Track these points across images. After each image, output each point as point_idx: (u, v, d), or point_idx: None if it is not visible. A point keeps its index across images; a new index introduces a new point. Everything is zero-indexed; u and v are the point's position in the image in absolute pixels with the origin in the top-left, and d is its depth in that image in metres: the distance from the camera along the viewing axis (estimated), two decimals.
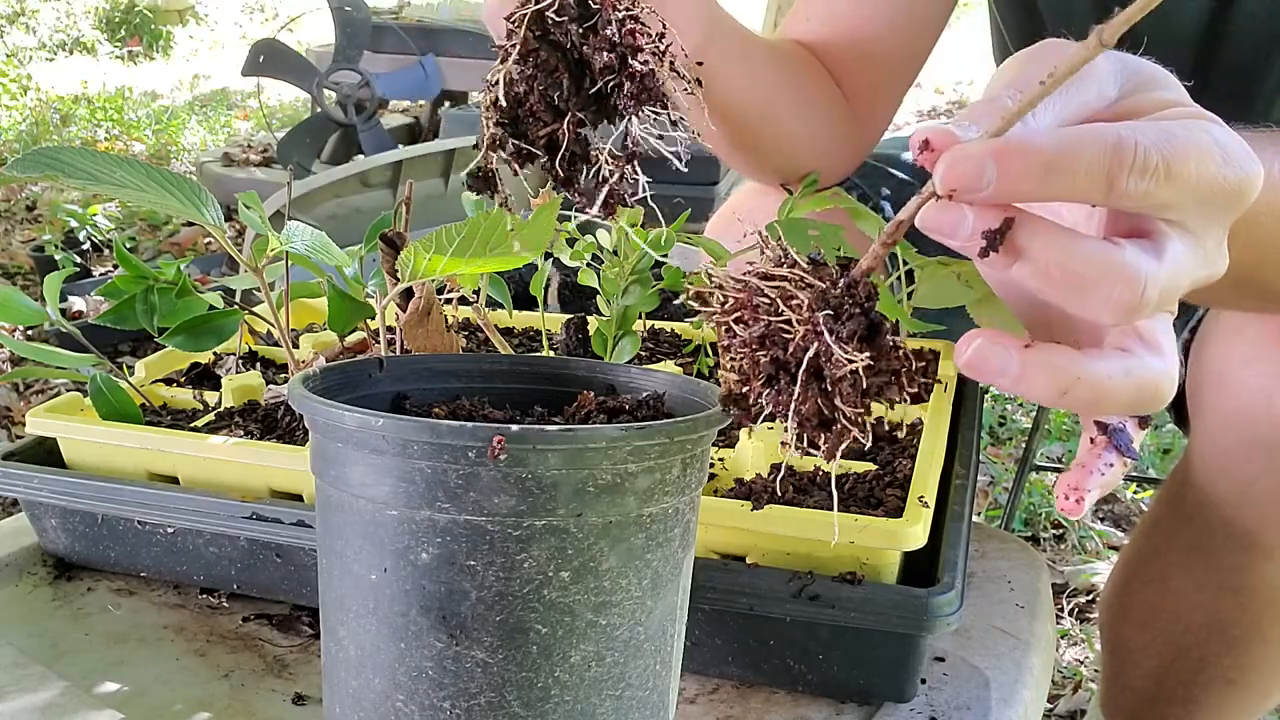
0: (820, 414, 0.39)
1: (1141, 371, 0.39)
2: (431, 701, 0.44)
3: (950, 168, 0.36)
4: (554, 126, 0.46)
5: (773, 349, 0.39)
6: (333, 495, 0.46)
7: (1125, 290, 0.36)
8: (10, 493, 0.72)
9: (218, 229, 0.63)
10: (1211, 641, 0.86)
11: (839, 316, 0.38)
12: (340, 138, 3.33)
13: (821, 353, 0.38)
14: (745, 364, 0.40)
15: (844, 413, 0.38)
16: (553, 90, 0.46)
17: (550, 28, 0.45)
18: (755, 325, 0.39)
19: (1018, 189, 0.36)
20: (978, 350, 0.38)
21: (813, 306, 0.38)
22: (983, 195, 0.36)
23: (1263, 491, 0.76)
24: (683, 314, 0.96)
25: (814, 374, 0.38)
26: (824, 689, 0.61)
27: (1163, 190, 0.36)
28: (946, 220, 0.37)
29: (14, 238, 3.31)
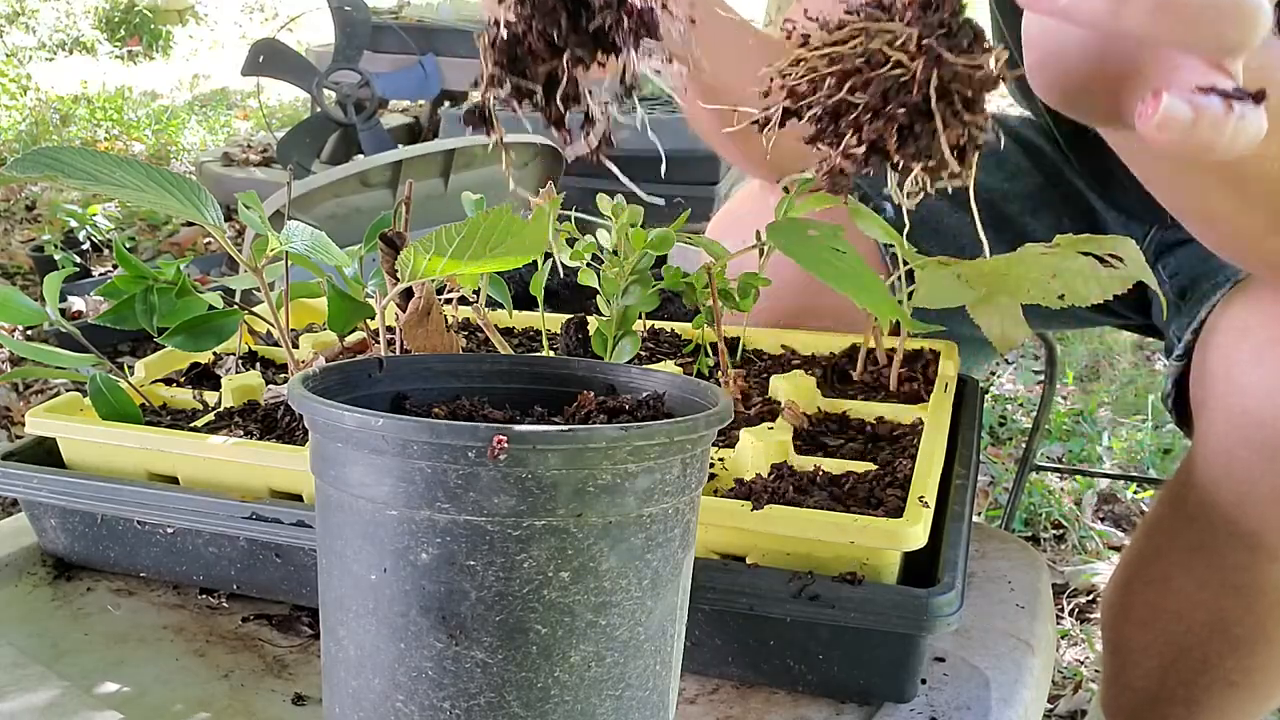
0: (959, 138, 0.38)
1: None
2: (431, 702, 0.44)
3: None
4: (553, 64, 0.46)
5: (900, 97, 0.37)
6: (332, 495, 0.46)
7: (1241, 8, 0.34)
8: (10, 493, 0.72)
9: (217, 229, 0.63)
10: (1213, 642, 0.86)
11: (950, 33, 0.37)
12: (340, 138, 3.33)
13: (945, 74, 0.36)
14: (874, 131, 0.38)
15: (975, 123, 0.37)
16: (551, 28, 0.45)
17: None
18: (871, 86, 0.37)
19: None
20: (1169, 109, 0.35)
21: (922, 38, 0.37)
22: None
23: (1266, 492, 0.76)
24: (683, 314, 0.96)
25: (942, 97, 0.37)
26: (824, 689, 0.61)
27: None
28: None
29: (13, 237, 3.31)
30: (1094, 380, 2.36)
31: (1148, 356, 2.40)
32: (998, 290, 0.78)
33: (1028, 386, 2.28)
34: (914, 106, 0.37)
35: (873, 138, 0.37)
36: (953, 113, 0.37)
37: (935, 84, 0.36)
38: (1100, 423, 2.13)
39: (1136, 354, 2.43)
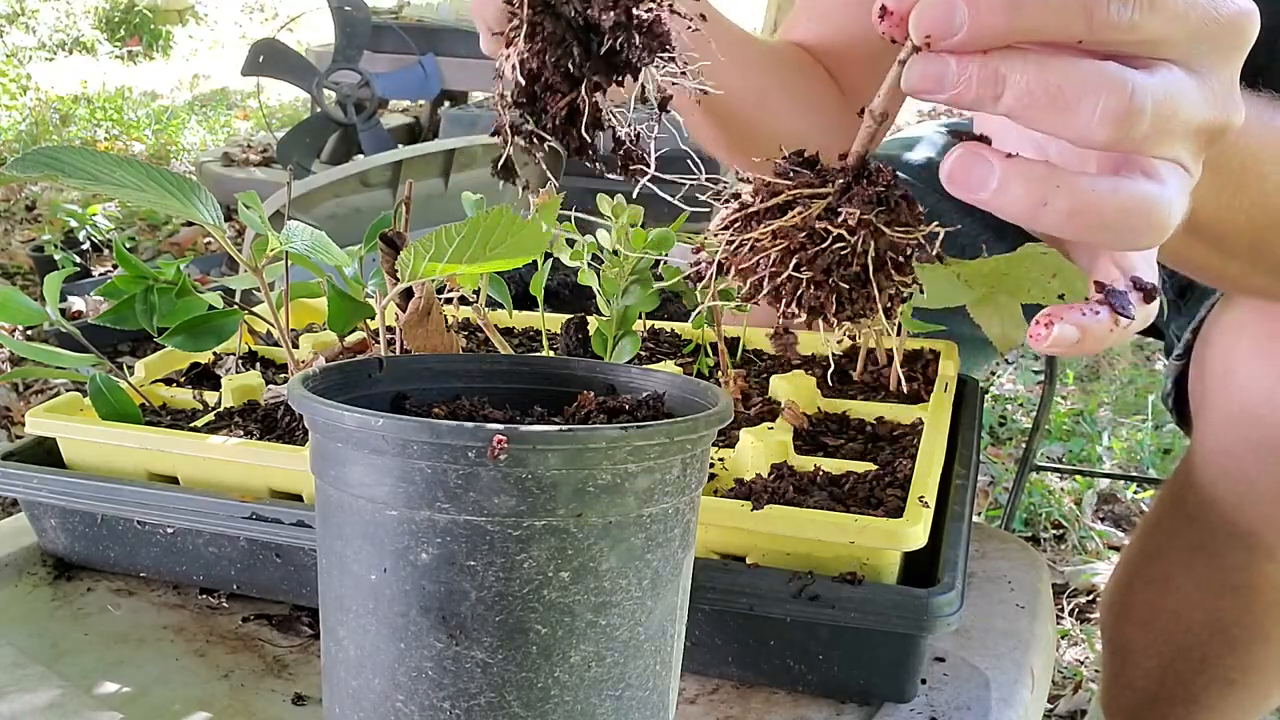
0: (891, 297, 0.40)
1: (1131, 190, 0.37)
2: (431, 702, 0.44)
3: (920, 14, 0.35)
4: (573, 95, 0.47)
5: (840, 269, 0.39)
6: (332, 495, 0.46)
7: (1112, 98, 0.35)
8: (10, 493, 0.72)
9: (217, 229, 0.63)
10: (1213, 641, 0.86)
11: (889, 208, 0.39)
12: (340, 138, 3.33)
13: (882, 245, 0.38)
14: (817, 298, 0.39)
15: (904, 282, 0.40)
16: (565, 59, 0.46)
17: (551, 1, 0.46)
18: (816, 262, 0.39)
19: (990, 25, 0.35)
20: (958, 160, 0.37)
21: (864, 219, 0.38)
22: (957, 39, 0.35)
23: (1265, 491, 0.76)
24: (683, 314, 0.96)
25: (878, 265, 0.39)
26: (824, 689, 0.61)
27: (1149, 21, 0.35)
28: (930, 74, 0.36)
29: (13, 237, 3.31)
30: (1094, 380, 2.36)
31: (1148, 356, 2.41)
32: (998, 290, 0.78)
33: (1028, 386, 2.28)
34: (853, 277, 0.39)
35: (813, 305, 0.40)
36: (886, 277, 0.39)
37: (873, 255, 0.38)
38: (1100, 423, 2.13)
39: (1136, 354, 2.44)
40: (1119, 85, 0.35)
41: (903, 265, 0.39)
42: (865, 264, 0.38)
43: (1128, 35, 0.35)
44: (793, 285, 0.39)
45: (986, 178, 0.36)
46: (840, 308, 0.39)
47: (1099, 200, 0.37)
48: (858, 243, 0.38)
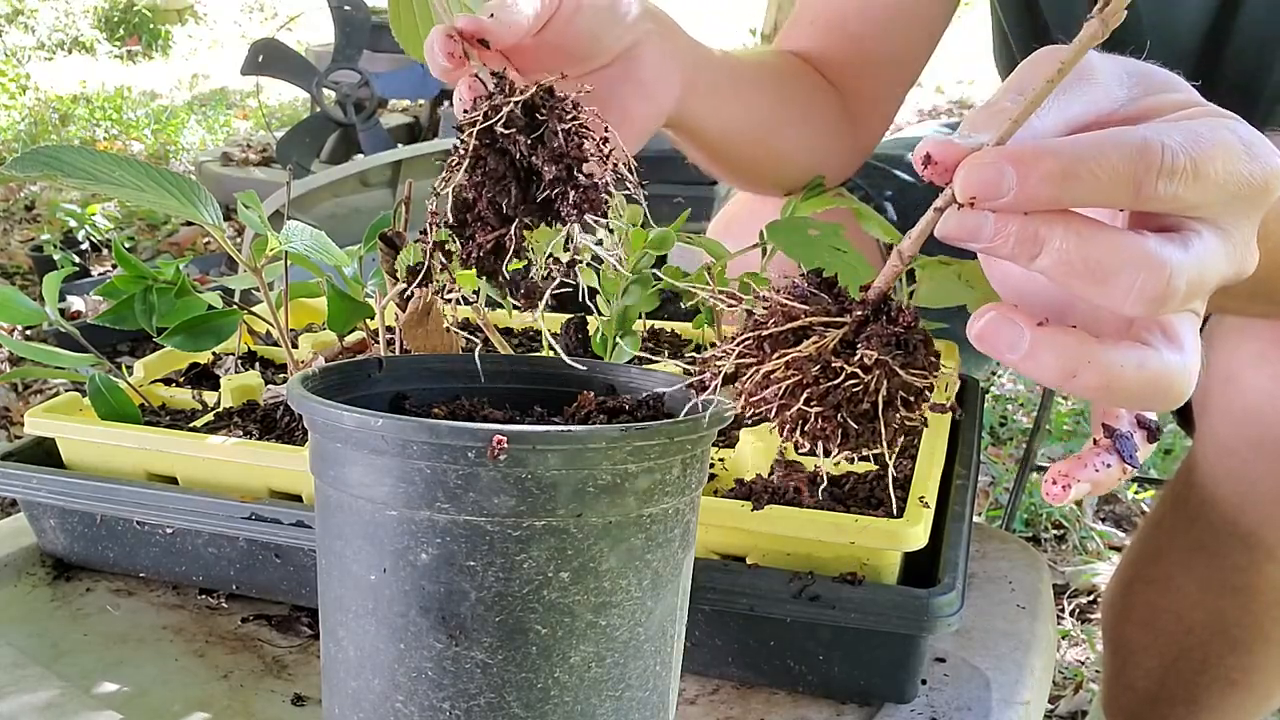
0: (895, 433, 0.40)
1: (1156, 364, 0.38)
2: (431, 702, 0.44)
3: (969, 175, 0.35)
4: (501, 231, 0.48)
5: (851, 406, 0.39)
6: (332, 495, 0.46)
7: (1150, 279, 0.36)
8: (9, 493, 0.72)
9: (216, 228, 0.63)
10: (1214, 642, 0.86)
11: (906, 349, 0.39)
12: (340, 137, 3.33)
13: (894, 385, 0.39)
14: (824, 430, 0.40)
15: (912, 418, 0.39)
16: (501, 197, 0.47)
17: (499, 138, 0.47)
18: (829, 398, 0.39)
19: (1038, 195, 0.35)
20: (990, 322, 0.37)
21: (881, 360, 0.38)
22: (1003, 203, 0.35)
23: (1267, 492, 0.76)
24: (683, 314, 0.96)
25: (888, 404, 0.39)
26: (824, 690, 0.61)
27: (1191, 192, 0.36)
28: (967, 227, 0.36)
29: (12, 237, 3.31)
30: None
31: None
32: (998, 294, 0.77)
33: (1028, 386, 2.28)
34: (862, 414, 0.39)
35: (819, 435, 0.40)
36: (895, 413, 0.39)
37: (884, 394, 0.39)
38: None
39: None
40: (1158, 267, 0.36)
41: (912, 404, 0.39)
42: (876, 402, 0.39)
43: (1166, 207, 0.36)
44: (800, 417, 0.39)
45: (1017, 342, 0.37)
46: (845, 440, 0.40)
47: (1125, 375, 0.38)
48: (871, 382, 0.38)
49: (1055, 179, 0.35)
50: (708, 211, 2.58)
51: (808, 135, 0.88)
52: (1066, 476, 0.43)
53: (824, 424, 0.39)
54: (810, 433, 0.40)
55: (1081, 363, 0.37)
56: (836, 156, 0.91)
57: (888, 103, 0.94)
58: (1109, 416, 0.44)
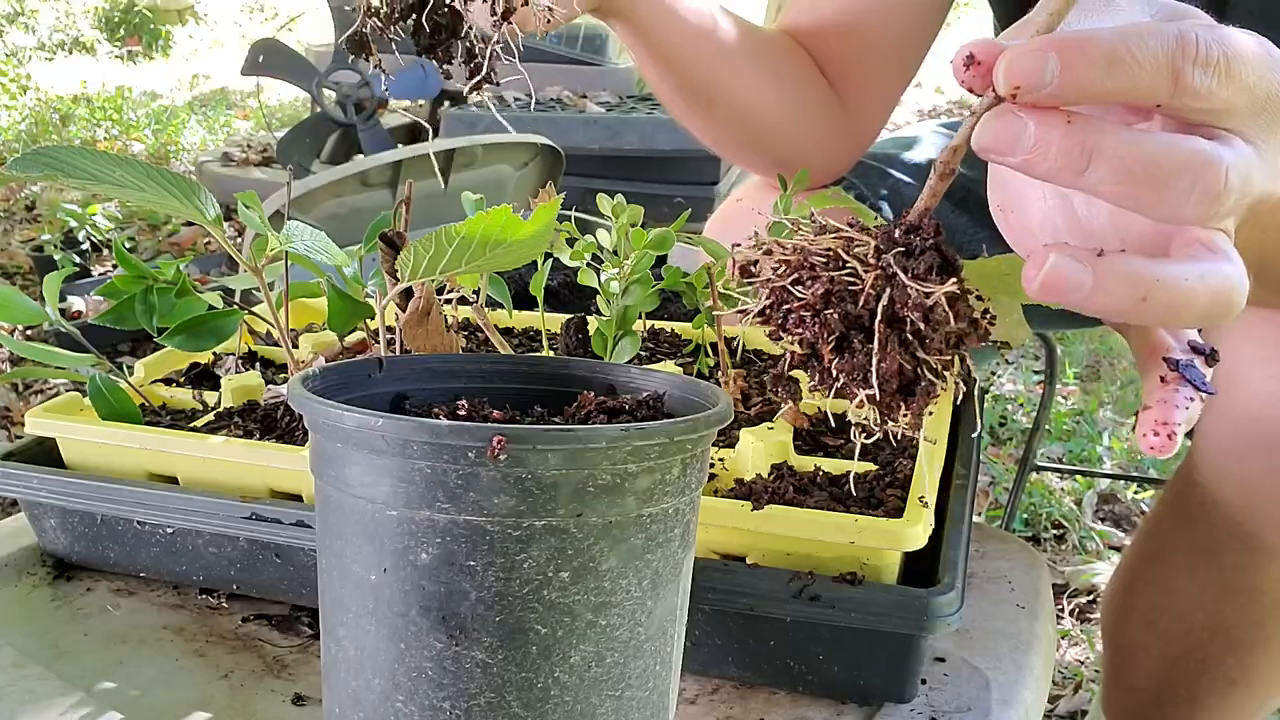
0: (901, 372, 0.35)
1: (1215, 276, 0.37)
2: (431, 702, 0.44)
3: (1011, 64, 0.34)
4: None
5: (841, 304, 0.35)
6: (332, 495, 0.46)
7: (1208, 176, 0.35)
8: (9, 493, 0.72)
9: (217, 229, 0.63)
10: (1215, 643, 0.86)
11: (910, 253, 0.35)
12: (340, 137, 3.33)
13: (897, 296, 0.35)
14: (810, 330, 0.36)
15: (928, 364, 0.35)
16: None
17: None
18: (816, 283, 0.36)
19: (1082, 82, 0.34)
20: (1054, 267, 0.35)
21: (880, 249, 0.35)
22: (1046, 92, 0.34)
23: (1268, 493, 0.76)
24: (683, 314, 0.96)
25: (891, 322, 0.35)
26: (824, 689, 0.61)
27: (1224, 89, 0.35)
28: (1006, 134, 0.35)
29: (13, 237, 3.31)
30: (1094, 380, 2.36)
31: None
32: (998, 290, 0.77)
33: (1028, 386, 2.28)
34: (853, 317, 0.36)
35: (809, 339, 0.37)
36: (899, 340, 0.36)
37: (883, 303, 0.35)
38: (1100, 423, 2.13)
39: None
40: (1214, 163, 0.35)
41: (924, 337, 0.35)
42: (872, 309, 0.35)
43: (1201, 103, 0.36)
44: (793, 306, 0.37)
45: (1082, 280, 0.35)
46: (839, 353, 0.36)
47: (1193, 289, 0.36)
48: (868, 281, 0.35)
49: (1100, 65, 0.34)
50: (708, 211, 2.58)
51: (774, 94, 0.86)
52: (1166, 425, 0.41)
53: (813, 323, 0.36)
54: (804, 335, 0.37)
55: (1150, 284, 0.36)
56: (831, 140, 0.90)
57: (879, 96, 0.93)
58: (1159, 350, 0.42)
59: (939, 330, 0.35)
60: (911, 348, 0.35)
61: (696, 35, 0.80)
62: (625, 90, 3.54)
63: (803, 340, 0.37)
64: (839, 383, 0.36)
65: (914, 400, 0.36)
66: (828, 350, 0.36)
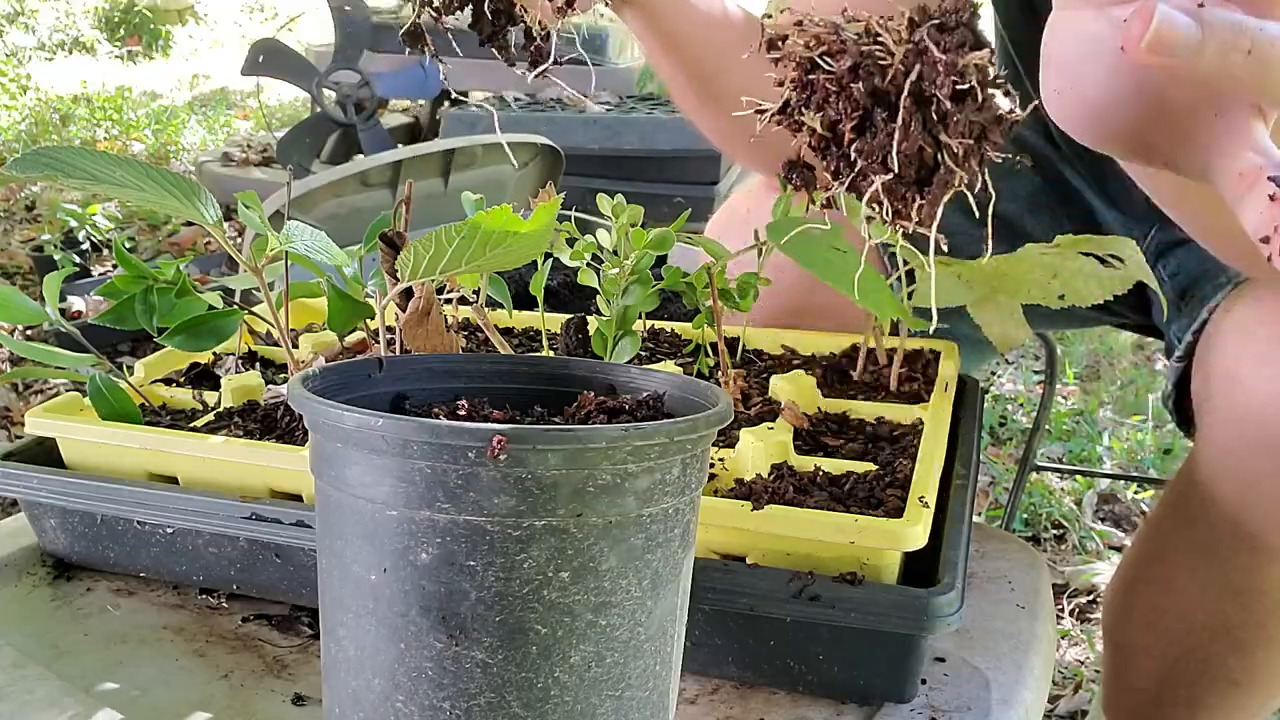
0: (921, 156, 0.33)
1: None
2: (431, 702, 0.44)
3: None
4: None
5: (869, 78, 0.33)
6: (332, 495, 0.46)
7: None
8: (9, 493, 0.72)
9: (217, 229, 0.63)
10: (1216, 643, 0.86)
11: (944, 28, 0.33)
12: (340, 138, 3.32)
13: (926, 72, 0.32)
14: (833, 107, 0.33)
15: (949, 148, 0.33)
16: None
17: None
18: (845, 57, 0.33)
19: None
20: (1163, 18, 0.32)
21: (914, 22, 0.33)
22: None
23: (1269, 493, 0.76)
24: (683, 314, 0.96)
25: (918, 101, 0.33)
26: (824, 689, 0.61)
27: None
28: None
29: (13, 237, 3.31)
30: (1094, 380, 2.36)
31: (1148, 356, 2.40)
32: (998, 290, 0.78)
33: (1028, 386, 2.28)
34: (880, 93, 0.33)
35: (831, 117, 0.34)
36: (923, 120, 0.33)
37: (912, 77, 0.32)
38: (1100, 423, 2.13)
39: (1136, 354, 2.43)
40: None
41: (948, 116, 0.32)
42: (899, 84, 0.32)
43: None
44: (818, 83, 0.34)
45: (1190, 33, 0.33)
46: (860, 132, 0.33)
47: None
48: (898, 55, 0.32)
49: None
50: (708, 211, 2.58)
51: None
52: None
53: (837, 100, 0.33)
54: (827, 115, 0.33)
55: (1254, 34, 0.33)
56: None
57: None
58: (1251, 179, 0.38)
59: (964, 112, 0.33)
60: (934, 130, 0.33)
61: (707, 24, 0.80)
62: (625, 90, 3.54)
63: (824, 119, 0.34)
64: (856, 166, 0.34)
65: (930, 191, 0.34)
66: (849, 128, 0.33)
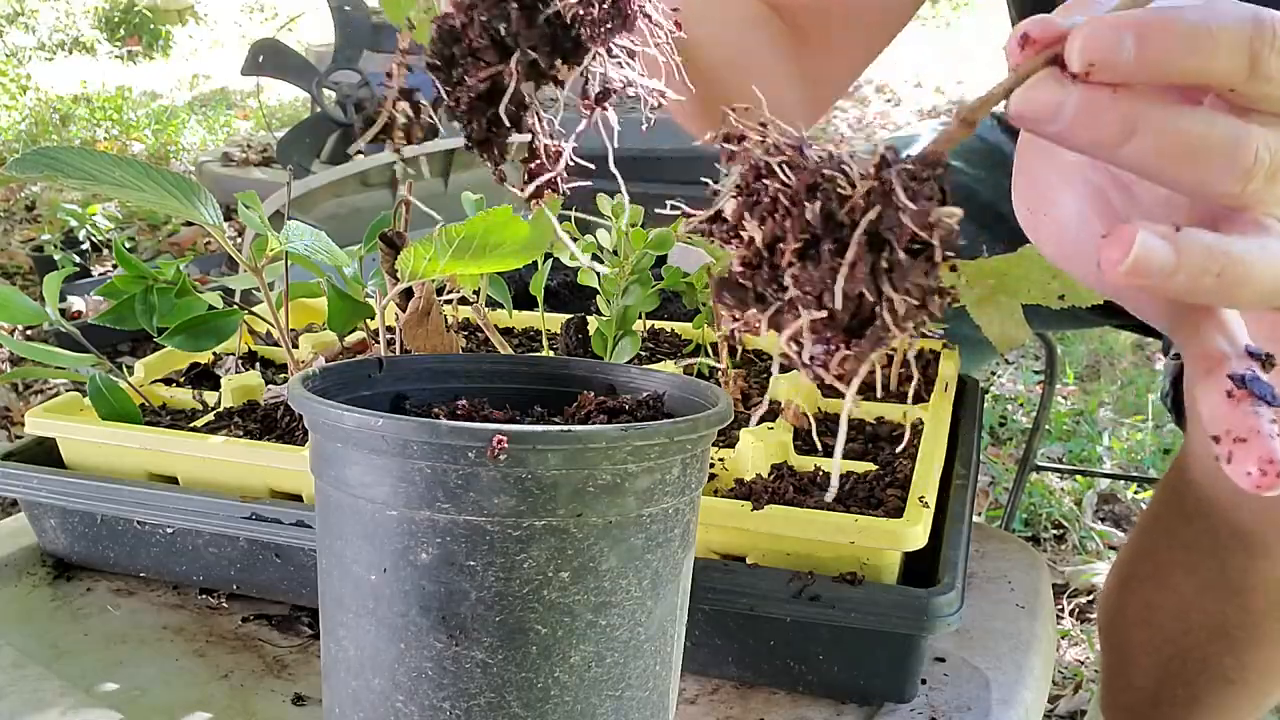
0: (860, 302, 0.32)
1: (1276, 251, 0.35)
2: (431, 702, 0.44)
3: (1088, 39, 0.32)
4: (498, 68, 0.38)
5: (827, 200, 0.32)
6: (332, 495, 0.46)
7: (1242, 149, 0.34)
8: (9, 493, 0.72)
9: (217, 229, 0.63)
10: (1212, 642, 0.86)
11: (915, 177, 0.32)
12: (340, 137, 3.32)
13: (887, 215, 0.31)
14: (779, 223, 0.32)
15: (891, 303, 0.32)
16: (498, 20, 0.38)
17: None
18: (804, 173, 0.32)
19: (1160, 61, 0.33)
20: (1143, 246, 0.33)
21: (886, 161, 0.32)
22: (1121, 70, 0.33)
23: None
24: (683, 314, 0.96)
25: (872, 241, 0.31)
26: (824, 689, 0.61)
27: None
28: (1049, 101, 0.33)
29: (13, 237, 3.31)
30: (1094, 380, 2.36)
31: (1148, 356, 2.41)
32: (998, 290, 0.78)
33: (1028, 386, 2.28)
34: (833, 221, 0.31)
35: (774, 232, 0.32)
36: (870, 266, 0.31)
37: (870, 215, 0.31)
38: (1100, 423, 2.13)
39: (1136, 354, 2.44)
40: (1248, 135, 0.34)
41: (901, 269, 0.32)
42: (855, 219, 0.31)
43: (1273, 91, 0.34)
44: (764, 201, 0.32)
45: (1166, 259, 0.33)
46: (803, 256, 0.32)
47: (1259, 263, 0.35)
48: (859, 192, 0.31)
49: (1179, 45, 0.32)
50: None
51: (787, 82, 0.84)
52: (1274, 464, 0.36)
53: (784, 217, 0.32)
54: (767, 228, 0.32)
55: (1223, 257, 0.34)
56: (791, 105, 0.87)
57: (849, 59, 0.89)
58: (1216, 360, 0.39)
59: (916, 270, 0.32)
60: (880, 279, 0.32)
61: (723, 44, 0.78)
62: None
63: (766, 233, 0.32)
64: (787, 293, 0.32)
65: (858, 344, 0.32)
66: (791, 249, 0.32)
